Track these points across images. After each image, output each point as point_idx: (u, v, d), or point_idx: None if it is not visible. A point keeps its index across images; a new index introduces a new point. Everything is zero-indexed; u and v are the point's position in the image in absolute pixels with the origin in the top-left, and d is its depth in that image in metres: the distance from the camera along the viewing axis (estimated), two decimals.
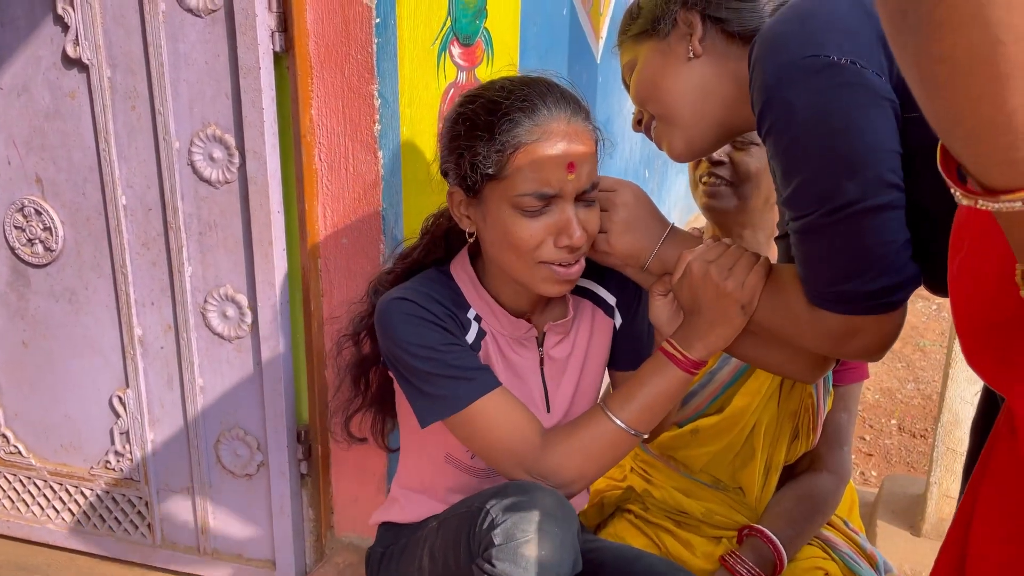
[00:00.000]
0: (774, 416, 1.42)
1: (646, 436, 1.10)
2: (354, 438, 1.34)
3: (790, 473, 1.49)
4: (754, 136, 1.43)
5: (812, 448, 1.46)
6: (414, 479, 1.26)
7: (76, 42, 1.55)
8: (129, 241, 1.67)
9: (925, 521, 1.94)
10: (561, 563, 0.96)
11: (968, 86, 0.47)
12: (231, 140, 1.53)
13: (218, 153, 1.55)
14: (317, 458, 1.74)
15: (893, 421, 3.33)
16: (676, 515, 1.47)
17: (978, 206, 0.52)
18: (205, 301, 1.66)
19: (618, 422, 1.07)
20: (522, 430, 1.09)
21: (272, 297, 1.60)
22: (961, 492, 1.17)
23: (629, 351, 1.24)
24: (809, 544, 1.43)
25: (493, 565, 0.95)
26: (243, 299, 1.63)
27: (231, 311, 1.65)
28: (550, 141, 1.01)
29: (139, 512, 1.86)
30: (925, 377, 3.68)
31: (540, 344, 1.18)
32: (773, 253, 1.38)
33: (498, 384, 1.10)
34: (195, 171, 1.58)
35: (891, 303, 0.91)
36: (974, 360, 0.68)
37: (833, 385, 1.45)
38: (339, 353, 1.29)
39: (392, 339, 1.09)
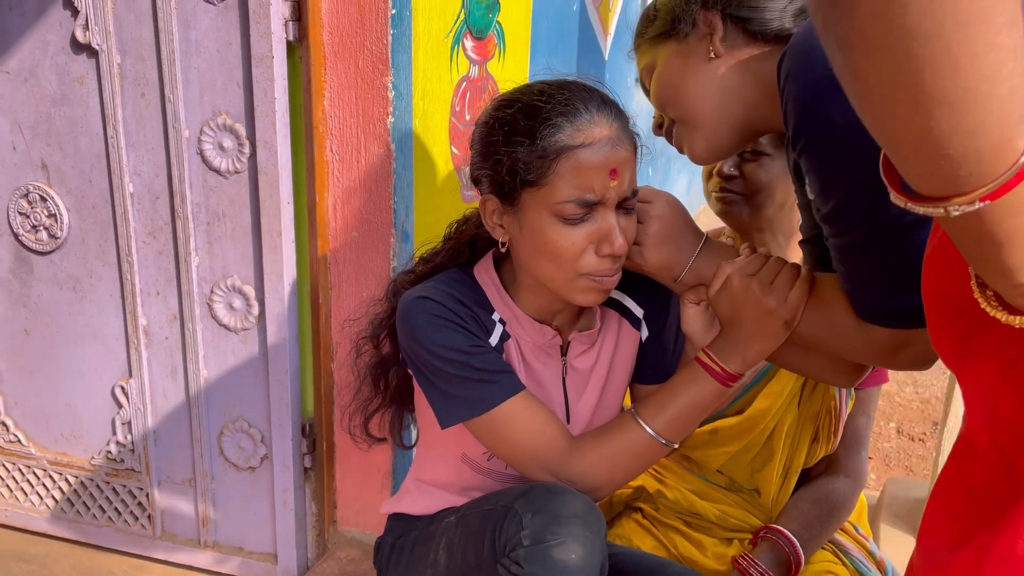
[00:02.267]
0: (795, 418, 1.41)
1: (676, 446, 1.08)
2: (374, 439, 1.32)
3: (806, 476, 1.49)
4: (764, 147, 1.41)
5: (831, 452, 1.45)
6: (429, 474, 1.24)
7: (86, 27, 1.53)
8: (136, 230, 1.65)
9: None
10: (590, 567, 0.94)
11: (882, 106, 0.49)
12: (242, 130, 1.51)
13: (228, 142, 1.53)
14: (321, 452, 1.73)
15: (892, 424, 3.33)
16: (688, 516, 1.46)
17: (907, 207, 0.54)
18: (212, 292, 1.64)
19: (650, 431, 1.05)
20: (548, 434, 1.06)
21: (280, 289, 1.59)
22: None
23: (654, 364, 1.21)
24: (821, 548, 1.43)
25: (521, 566, 0.93)
26: (250, 290, 1.61)
27: (238, 302, 1.63)
28: (593, 147, 0.98)
29: (139, 503, 1.85)
30: (924, 381, 3.68)
31: (563, 353, 1.16)
32: (794, 254, 1.37)
33: (522, 387, 1.07)
34: (204, 160, 1.56)
35: None
36: (938, 341, 0.70)
37: (855, 388, 1.44)
38: (359, 356, 1.26)
39: (415, 339, 1.07)
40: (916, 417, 3.39)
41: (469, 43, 1.68)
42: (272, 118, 1.48)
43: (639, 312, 1.20)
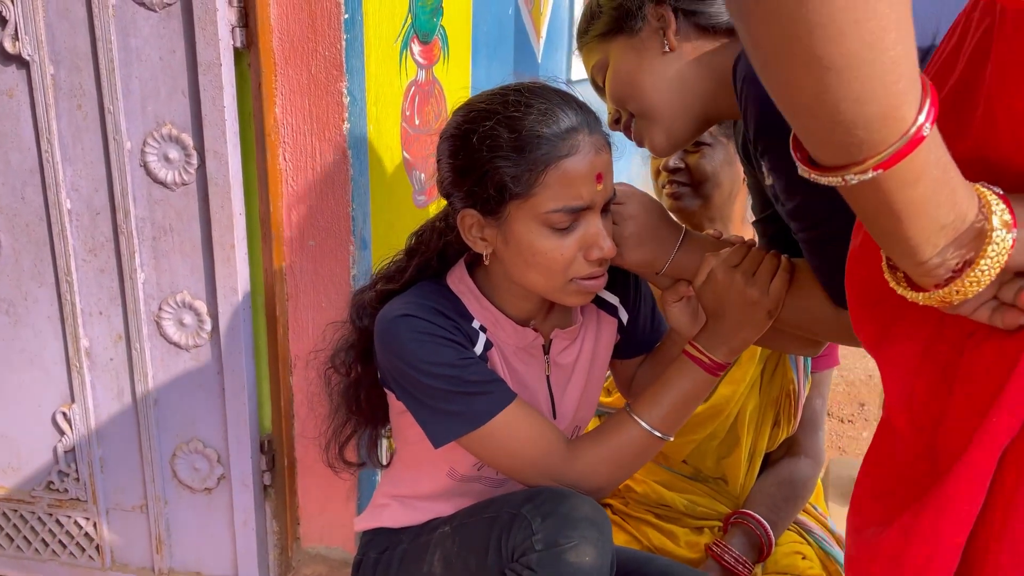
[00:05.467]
0: (757, 404, 1.45)
1: (671, 439, 1.10)
2: (351, 465, 1.29)
3: (767, 460, 1.53)
4: (704, 137, 1.46)
5: (791, 434, 1.50)
6: (411, 490, 1.21)
7: (15, 37, 1.45)
8: (75, 247, 1.57)
9: None
10: (602, 568, 0.95)
11: (779, 72, 0.52)
12: (188, 140, 1.46)
13: (174, 154, 1.48)
14: (282, 468, 1.69)
15: None
16: (657, 508, 1.49)
17: (811, 178, 0.58)
18: (160, 309, 1.58)
19: (646, 426, 1.06)
20: (546, 440, 1.06)
21: (234, 303, 1.54)
22: None
23: (636, 340, 1.23)
24: (787, 529, 1.47)
25: (534, 571, 0.93)
26: (201, 306, 1.56)
27: (188, 319, 1.58)
28: (579, 155, 0.98)
29: (86, 534, 1.76)
30: (847, 364, 3.83)
31: (546, 351, 1.16)
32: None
33: (515, 395, 1.06)
34: (148, 172, 1.50)
35: None
36: (859, 326, 0.74)
37: (811, 371, 1.49)
38: (329, 385, 1.22)
39: (402, 359, 1.04)
40: (843, 399, 3.53)
41: (416, 47, 1.66)
42: (222, 127, 1.43)
43: (614, 300, 1.21)
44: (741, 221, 1.55)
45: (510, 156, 0.98)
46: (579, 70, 3.26)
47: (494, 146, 0.99)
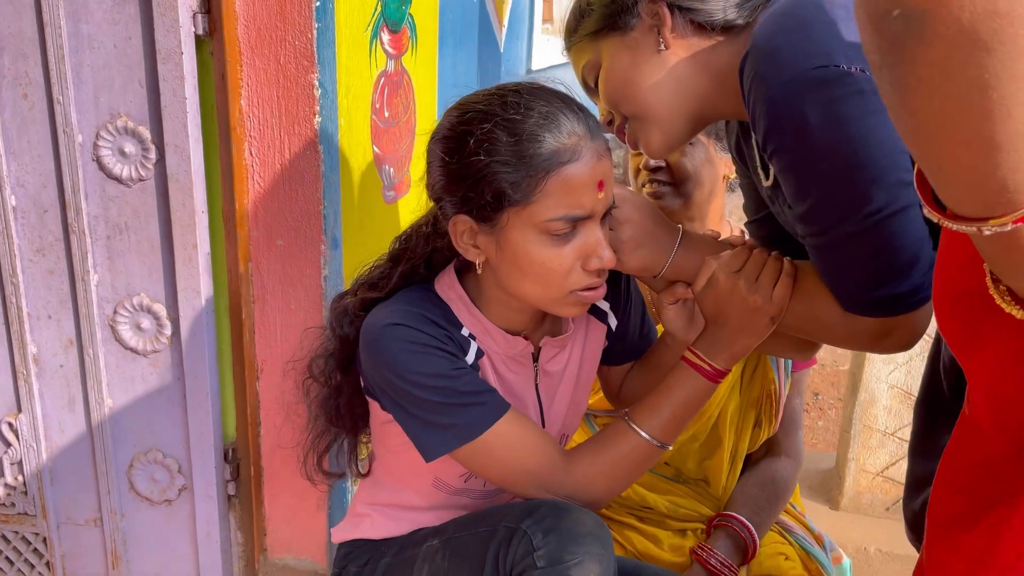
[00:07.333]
0: (738, 405, 1.43)
1: (670, 448, 1.06)
2: (331, 475, 1.23)
3: (747, 460, 1.52)
4: None
5: (771, 435, 1.49)
6: (392, 499, 1.16)
7: None
8: (20, 247, 1.47)
9: (843, 495, 2.03)
10: None
11: (933, 141, 0.54)
12: (146, 133, 1.38)
13: (130, 148, 1.39)
14: (248, 477, 1.61)
15: None
16: (639, 511, 1.46)
17: (942, 224, 0.59)
18: (115, 312, 1.49)
19: (645, 435, 1.03)
20: (542, 451, 1.02)
21: (196, 306, 1.46)
22: (908, 470, 1.23)
23: (625, 347, 1.20)
24: (769, 529, 1.46)
25: None
26: (161, 309, 1.47)
27: (146, 322, 1.49)
28: (580, 161, 0.93)
29: (35, 550, 1.66)
30: None
31: (535, 359, 1.12)
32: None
33: (508, 405, 1.02)
34: (102, 167, 1.41)
35: (924, 299, 0.92)
36: (944, 326, 0.75)
37: (791, 371, 1.48)
38: (308, 396, 1.16)
39: (392, 371, 0.99)
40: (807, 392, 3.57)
41: (386, 36, 1.60)
42: (183, 119, 1.35)
43: (605, 306, 1.18)
44: (720, 219, 1.53)
45: (509, 161, 0.93)
46: (539, 60, 3.21)
47: (492, 150, 0.93)
